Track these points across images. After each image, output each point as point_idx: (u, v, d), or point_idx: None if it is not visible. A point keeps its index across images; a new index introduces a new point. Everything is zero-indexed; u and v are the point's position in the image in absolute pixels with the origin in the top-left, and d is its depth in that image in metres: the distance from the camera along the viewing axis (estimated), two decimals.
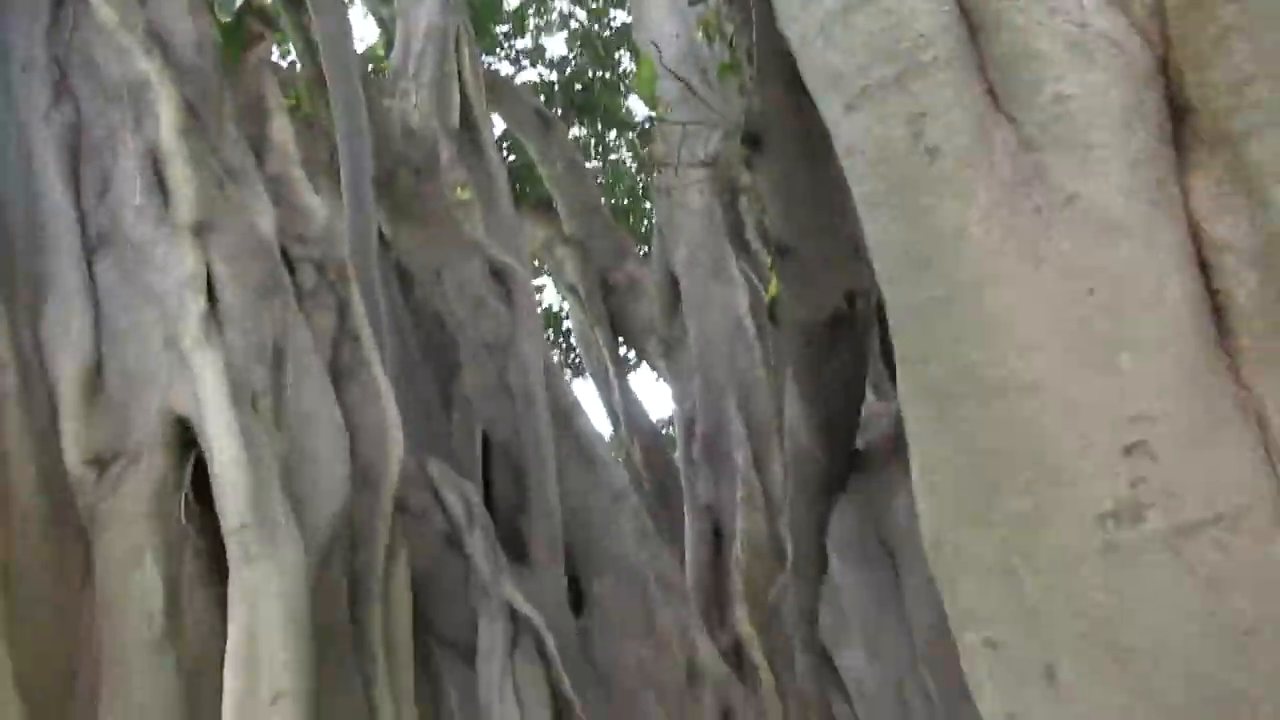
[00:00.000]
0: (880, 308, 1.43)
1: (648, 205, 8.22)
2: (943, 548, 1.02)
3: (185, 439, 2.70)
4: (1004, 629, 0.96)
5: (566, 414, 4.80)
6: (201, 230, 2.84)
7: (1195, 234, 0.95)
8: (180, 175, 2.87)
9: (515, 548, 4.58)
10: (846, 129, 1.08)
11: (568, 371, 8.47)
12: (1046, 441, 0.93)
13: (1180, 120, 0.99)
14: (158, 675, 2.35)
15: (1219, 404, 0.89)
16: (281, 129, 3.60)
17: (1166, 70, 0.99)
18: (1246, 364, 0.90)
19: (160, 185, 2.91)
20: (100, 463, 2.63)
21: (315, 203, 3.50)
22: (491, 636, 3.43)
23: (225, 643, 2.32)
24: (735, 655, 4.58)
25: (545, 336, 6.46)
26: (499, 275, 4.65)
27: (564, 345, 8.88)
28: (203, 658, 2.47)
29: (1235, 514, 0.85)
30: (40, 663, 2.25)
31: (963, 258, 0.98)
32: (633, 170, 8.84)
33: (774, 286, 2.41)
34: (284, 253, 3.17)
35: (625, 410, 6.75)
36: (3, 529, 2.35)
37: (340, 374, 3.29)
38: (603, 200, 7.25)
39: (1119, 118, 0.96)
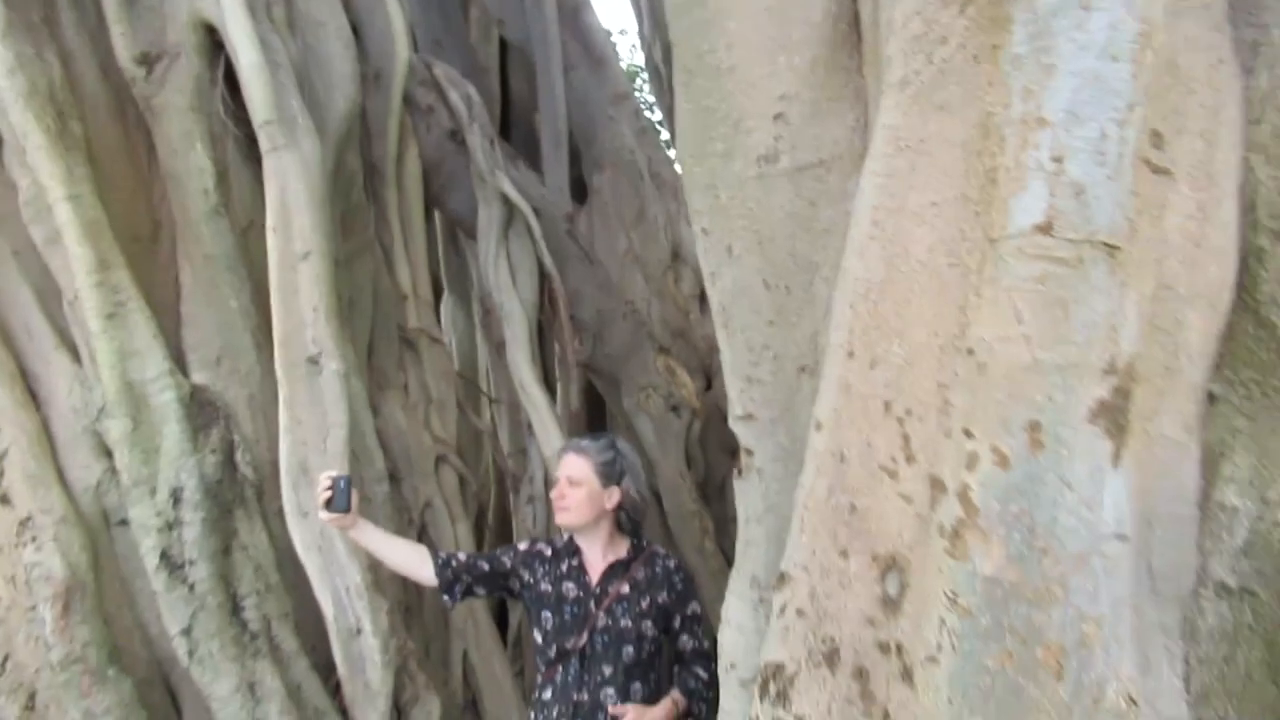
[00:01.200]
0: None
1: None
2: (685, 171, 1.59)
3: (215, 43, 3.21)
4: (708, 221, 1.56)
5: (575, 10, 5.08)
6: None
7: None
8: None
9: (529, 144, 5.17)
10: None
11: None
12: (735, 107, 1.45)
13: None
14: (217, 235, 3.11)
15: (840, 90, 1.39)
16: None
17: None
18: (865, 64, 1.38)
19: None
20: (147, 61, 3.17)
21: None
22: (489, 218, 4.15)
23: (265, 212, 3.05)
24: None
25: None
26: None
27: None
28: (249, 223, 3.22)
29: (831, 160, 1.40)
30: (127, 221, 3.00)
31: None
32: None
33: None
34: None
35: (649, 6, 6.88)
36: (79, 116, 2.98)
37: None
38: None
39: None
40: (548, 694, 2.51)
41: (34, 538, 2.74)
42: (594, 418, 4.42)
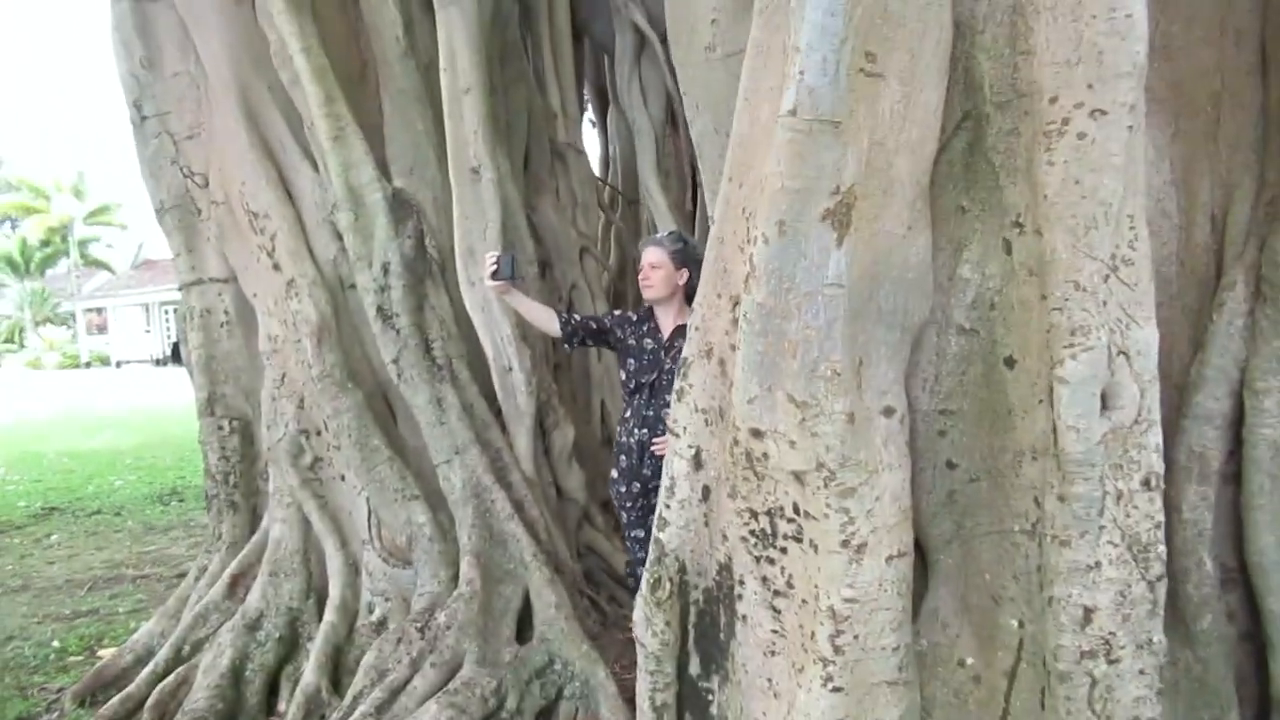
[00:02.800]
0: None
1: None
2: (672, 54, 2.42)
3: None
4: (685, 87, 2.39)
5: None
6: None
7: None
8: None
9: None
10: None
11: None
12: (691, 14, 2.26)
13: None
14: (406, 73, 4.17)
15: (746, 6, 2.16)
16: None
17: None
18: None
19: None
20: None
21: None
22: (623, 45, 4.97)
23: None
24: None
25: None
26: None
27: None
28: (430, 62, 4.23)
29: (742, 53, 2.20)
30: (343, 65, 4.09)
31: None
32: None
33: None
34: None
35: None
36: None
37: None
38: None
39: None
40: (628, 413, 3.62)
41: (296, 293, 4.07)
42: (704, 216, 5.32)
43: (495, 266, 3.50)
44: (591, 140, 6.16)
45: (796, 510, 2.01)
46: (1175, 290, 2.95)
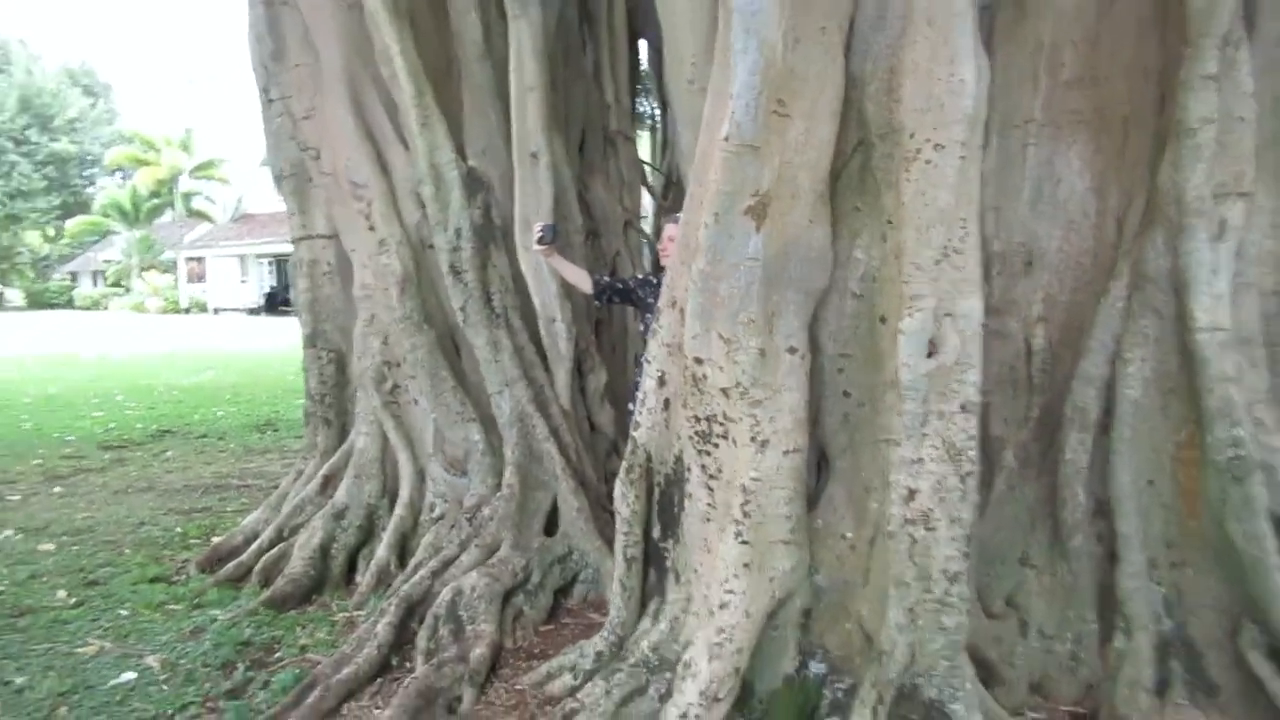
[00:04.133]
0: None
1: None
2: (665, 81, 3.28)
3: None
4: (673, 108, 3.24)
5: None
6: None
7: None
8: None
9: None
10: None
11: None
12: (676, 53, 3.12)
13: None
14: (483, 73, 5.12)
15: (713, 51, 3.03)
16: None
17: None
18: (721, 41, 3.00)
19: None
20: None
21: None
22: None
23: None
24: None
25: None
26: None
27: None
28: (503, 63, 5.16)
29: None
30: (432, 64, 5.05)
31: None
32: None
33: None
34: None
35: None
36: None
37: None
38: None
39: None
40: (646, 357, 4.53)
41: (386, 250, 5.08)
42: None
43: (540, 234, 4.43)
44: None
45: (724, 417, 2.90)
46: (1090, 278, 3.75)
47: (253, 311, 38.61)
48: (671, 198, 6.87)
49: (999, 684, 3.47)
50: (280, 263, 38.09)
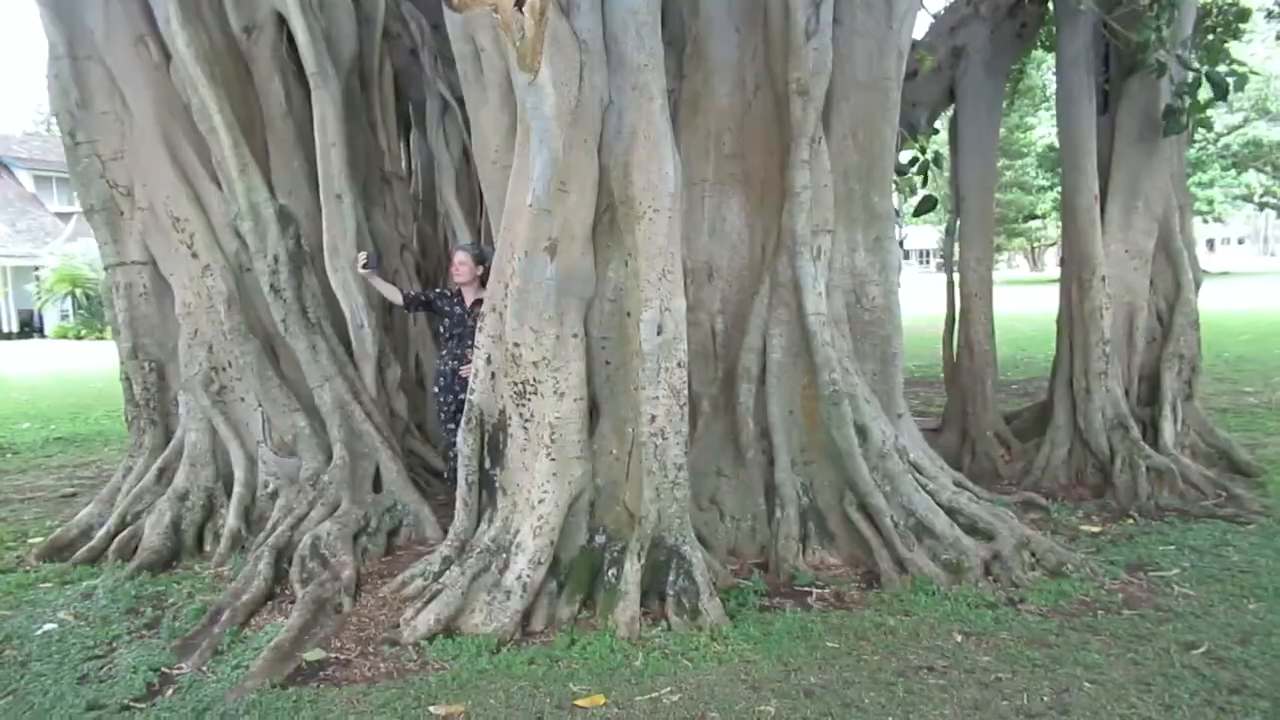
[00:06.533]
0: None
1: None
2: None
3: (281, 20, 6.37)
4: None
5: None
6: None
7: None
8: None
9: None
10: None
11: None
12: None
13: None
14: (286, 129, 6.43)
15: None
16: None
17: None
18: None
19: None
20: (247, 30, 6.37)
21: None
22: (433, 107, 7.42)
23: (313, 116, 6.34)
24: None
25: None
26: None
27: None
28: (301, 120, 6.47)
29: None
30: (245, 119, 6.29)
31: None
32: None
33: None
34: None
35: None
36: (218, 62, 6.19)
37: None
38: None
39: None
40: (444, 352, 6.25)
41: (210, 274, 6.25)
42: (488, 227, 7.85)
43: (365, 261, 5.91)
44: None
45: (534, 381, 4.63)
46: (748, 285, 5.81)
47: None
48: (427, 222, 8.44)
49: (709, 551, 5.48)
50: None
